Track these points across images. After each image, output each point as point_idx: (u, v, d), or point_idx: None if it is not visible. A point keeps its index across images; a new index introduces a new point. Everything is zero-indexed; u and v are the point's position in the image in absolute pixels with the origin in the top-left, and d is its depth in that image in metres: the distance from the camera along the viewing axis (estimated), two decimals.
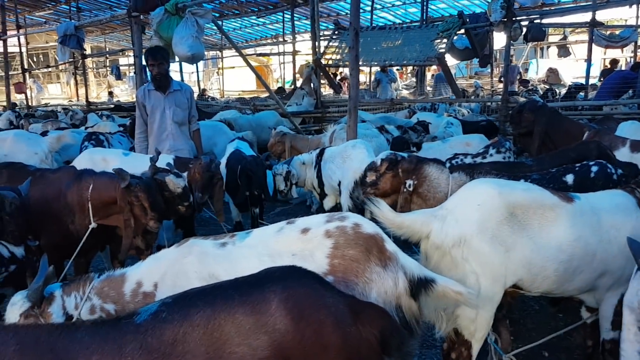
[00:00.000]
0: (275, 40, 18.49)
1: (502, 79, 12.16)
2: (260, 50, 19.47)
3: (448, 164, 3.74)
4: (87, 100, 12.83)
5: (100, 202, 3.43)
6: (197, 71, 18.22)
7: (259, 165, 4.55)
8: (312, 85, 9.39)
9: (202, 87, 18.52)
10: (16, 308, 2.07)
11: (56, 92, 29.18)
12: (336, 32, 9.76)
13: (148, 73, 7.80)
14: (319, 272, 2.00)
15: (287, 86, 17.27)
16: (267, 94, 17.30)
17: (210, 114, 9.80)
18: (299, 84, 17.50)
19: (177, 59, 7.14)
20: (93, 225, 3.41)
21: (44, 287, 2.13)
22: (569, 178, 3.21)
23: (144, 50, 6.32)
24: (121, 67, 18.94)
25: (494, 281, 2.44)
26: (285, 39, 16.06)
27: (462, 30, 9.29)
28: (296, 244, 2.24)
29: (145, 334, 1.38)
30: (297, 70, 15.15)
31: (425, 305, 2.15)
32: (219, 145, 6.81)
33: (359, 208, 4.34)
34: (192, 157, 5.07)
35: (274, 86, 20.70)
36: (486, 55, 11.02)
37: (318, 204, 5.93)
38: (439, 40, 8.09)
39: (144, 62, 6.35)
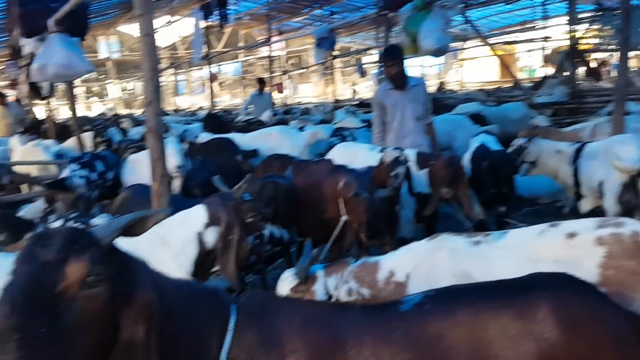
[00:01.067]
0: (522, 27, 17.34)
1: None
2: (506, 38, 18.44)
3: None
4: (334, 98, 13.94)
5: (347, 198, 3.65)
6: (438, 64, 18.18)
7: (507, 161, 4.29)
8: (565, 73, 8.51)
9: (441, 79, 18.42)
10: (287, 283, 2.34)
11: (307, 92, 32.40)
12: (598, 14, 8.66)
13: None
14: None
15: (531, 76, 16.09)
16: (509, 85, 16.36)
17: (449, 107, 9.66)
18: (543, 72, 16.14)
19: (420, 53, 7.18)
20: (344, 218, 3.66)
21: (309, 267, 2.35)
22: None
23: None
24: (365, 65, 19.94)
25: None
26: (534, 24, 14.92)
27: None
28: (560, 249, 2.03)
29: (410, 323, 1.40)
30: (545, 58, 13.96)
31: None
32: (458, 140, 6.64)
33: (628, 214, 3.79)
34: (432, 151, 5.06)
35: (518, 76, 19.41)
36: None
37: (571, 206, 5.35)
38: None
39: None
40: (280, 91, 13.85)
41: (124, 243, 2.32)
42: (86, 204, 5.34)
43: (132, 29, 25.10)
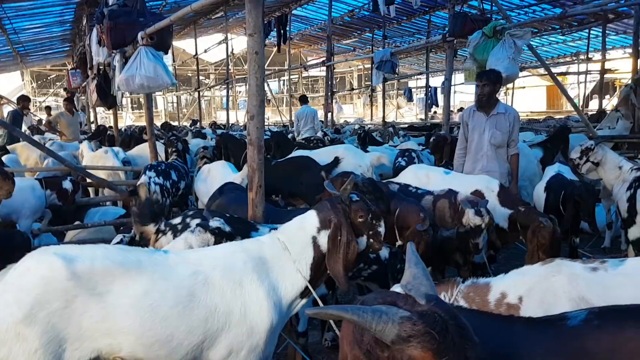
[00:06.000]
0: (575, 59, 17.22)
1: None
2: (557, 69, 18.34)
3: None
4: (383, 120, 14.10)
5: (404, 226, 3.84)
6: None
7: (589, 192, 4.27)
8: (630, 107, 8.41)
9: None
10: None
11: (349, 112, 32.76)
12: None
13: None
14: None
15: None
16: (559, 116, 16.20)
17: None
18: (592, 104, 15.94)
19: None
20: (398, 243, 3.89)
21: None
22: None
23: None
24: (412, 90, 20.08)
25: None
26: (590, 56, 14.82)
27: None
28: None
29: (582, 337, 1.45)
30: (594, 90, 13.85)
31: None
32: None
33: None
34: (505, 180, 5.05)
35: (565, 107, 19.23)
36: None
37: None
38: None
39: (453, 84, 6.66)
40: (329, 111, 14.05)
41: (250, 245, 2.46)
42: (160, 211, 5.54)
43: (184, 44, 25.93)
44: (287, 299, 2.44)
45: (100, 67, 7.86)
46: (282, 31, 12.54)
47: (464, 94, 22.86)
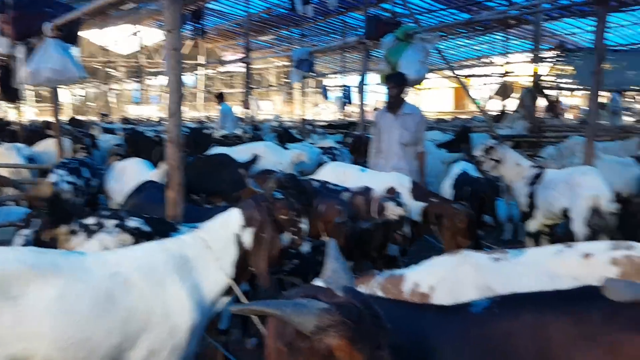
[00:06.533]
0: (479, 62, 18.30)
1: None
2: (463, 72, 19.38)
3: None
4: (302, 118, 14.23)
5: (326, 220, 3.91)
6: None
7: (492, 188, 4.60)
8: (527, 108, 9.13)
9: None
10: None
11: (267, 109, 32.61)
12: (561, 54, 9.37)
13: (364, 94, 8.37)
14: None
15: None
16: (465, 116, 17.15)
17: None
18: (491, 104, 17.04)
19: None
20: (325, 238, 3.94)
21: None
22: None
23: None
24: (328, 88, 20.38)
25: None
26: (492, 60, 15.82)
27: None
28: (577, 268, 2.29)
29: (483, 323, 1.59)
30: (497, 91, 14.81)
31: None
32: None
33: (595, 236, 4.21)
34: (415, 177, 5.30)
35: (470, 108, 20.39)
36: None
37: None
38: None
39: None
40: (247, 107, 13.97)
41: (171, 244, 2.43)
42: (72, 211, 5.27)
43: (90, 35, 24.56)
44: (210, 297, 2.44)
45: (1, 59, 7.33)
46: (197, 25, 12.32)
47: (379, 93, 23.58)
